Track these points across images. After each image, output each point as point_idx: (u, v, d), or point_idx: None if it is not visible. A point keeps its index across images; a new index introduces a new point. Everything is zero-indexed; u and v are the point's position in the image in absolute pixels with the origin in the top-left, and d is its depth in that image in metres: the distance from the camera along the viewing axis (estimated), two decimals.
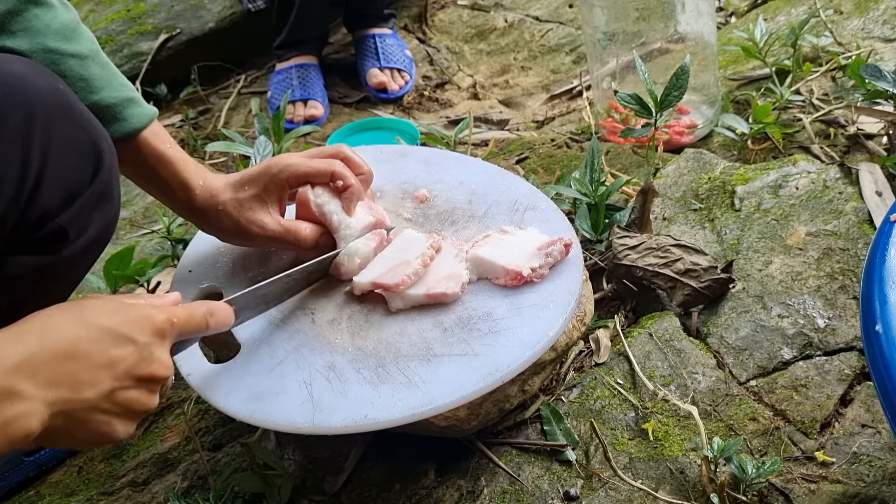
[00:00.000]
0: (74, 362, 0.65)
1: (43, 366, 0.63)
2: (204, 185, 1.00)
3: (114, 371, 0.67)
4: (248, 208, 0.99)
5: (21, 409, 0.60)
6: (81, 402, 0.65)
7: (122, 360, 0.68)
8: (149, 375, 0.70)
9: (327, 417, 0.87)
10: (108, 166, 0.85)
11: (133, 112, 0.95)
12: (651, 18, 1.53)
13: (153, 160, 0.97)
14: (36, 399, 0.62)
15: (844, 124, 1.50)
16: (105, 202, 0.86)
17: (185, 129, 1.97)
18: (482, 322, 0.96)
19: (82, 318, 0.67)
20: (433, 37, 2.26)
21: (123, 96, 0.94)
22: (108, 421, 0.68)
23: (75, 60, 0.90)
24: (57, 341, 0.64)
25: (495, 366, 0.90)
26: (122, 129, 0.94)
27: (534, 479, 1.02)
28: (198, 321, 0.78)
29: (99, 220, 0.86)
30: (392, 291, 0.98)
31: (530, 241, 1.04)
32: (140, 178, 1.00)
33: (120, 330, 0.68)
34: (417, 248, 1.03)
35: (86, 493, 1.15)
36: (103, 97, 0.92)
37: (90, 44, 0.93)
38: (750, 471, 0.95)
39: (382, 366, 0.92)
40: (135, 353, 0.69)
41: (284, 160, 1.02)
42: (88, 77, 0.91)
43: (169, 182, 0.99)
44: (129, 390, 0.69)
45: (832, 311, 1.16)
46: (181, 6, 2.25)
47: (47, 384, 0.63)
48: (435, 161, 1.23)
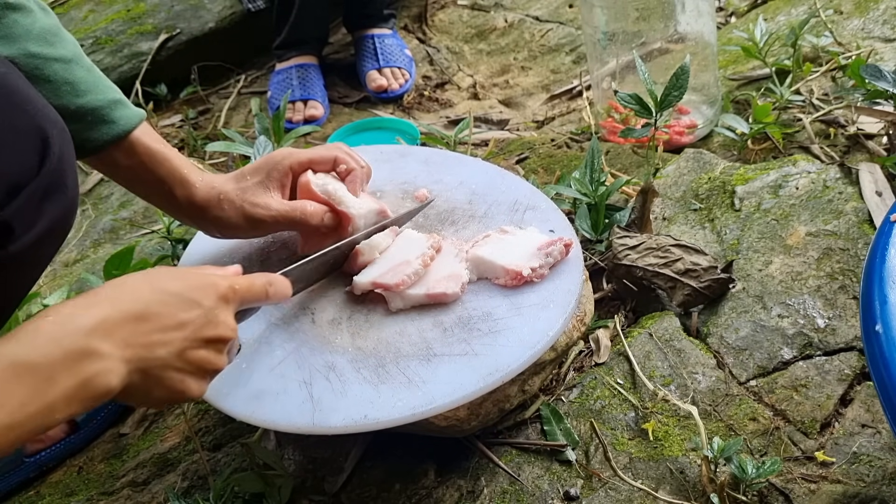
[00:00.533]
0: (147, 324, 0.69)
1: (117, 327, 0.67)
2: (204, 180, 1.00)
3: (183, 332, 0.72)
4: (252, 194, 0.99)
5: (100, 366, 0.64)
6: (156, 361, 0.70)
7: (190, 322, 0.73)
8: (216, 337, 0.75)
9: (327, 417, 0.87)
10: (57, 154, 0.80)
11: (122, 114, 0.94)
12: (651, 18, 1.53)
13: (148, 158, 0.96)
14: (113, 357, 0.66)
15: (844, 124, 1.50)
16: (57, 192, 0.81)
17: (185, 129, 1.97)
18: (482, 322, 0.96)
19: (152, 284, 0.72)
20: (433, 37, 2.26)
21: (110, 98, 0.93)
22: (182, 379, 0.73)
23: (59, 64, 0.89)
24: (130, 304, 0.69)
25: (495, 366, 0.90)
26: (113, 132, 0.93)
27: (534, 479, 1.02)
28: (258, 290, 0.82)
29: (51, 211, 0.81)
30: (392, 291, 0.98)
31: (530, 241, 1.04)
32: (136, 180, 0.99)
33: (187, 294, 0.73)
34: (418, 248, 1.03)
35: (86, 493, 1.15)
36: (90, 100, 0.90)
37: (73, 47, 0.92)
38: (750, 471, 0.95)
39: (382, 366, 0.92)
40: (201, 315, 0.74)
41: (286, 150, 1.03)
42: (73, 80, 0.89)
43: (167, 179, 0.98)
44: (198, 350, 0.74)
45: (832, 311, 1.16)
46: (181, 6, 2.25)
47: (123, 344, 0.67)
48: (435, 161, 1.23)
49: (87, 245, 1.68)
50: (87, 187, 1.84)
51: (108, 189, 1.83)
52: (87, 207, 1.79)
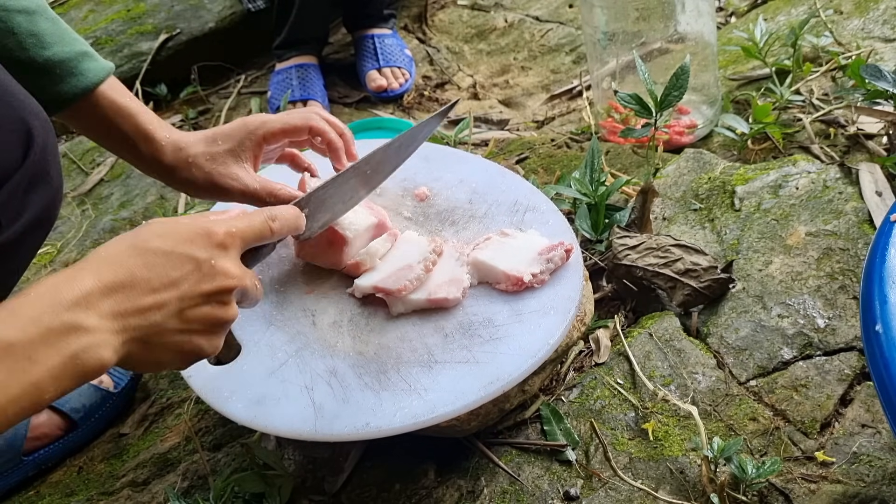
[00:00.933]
0: (134, 290, 0.65)
1: (102, 298, 0.63)
2: (170, 139, 0.97)
3: (177, 291, 0.68)
4: (222, 162, 0.97)
5: (88, 340, 0.61)
6: (152, 327, 0.66)
7: (183, 279, 0.68)
8: (217, 289, 0.70)
9: (329, 424, 0.87)
10: (40, 146, 0.80)
11: (88, 66, 0.92)
12: (651, 18, 1.53)
13: (112, 113, 0.94)
14: (101, 330, 0.62)
15: (844, 124, 1.50)
16: (41, 183, 0.81)
17: (185, 129, 1.97)
18: (483, 328, 0.96)
19: (136, 245, 0.68)
20: (433, 37, 2.26)
21: (77, 50, 0.91)
22: (189, 339, 0.70)
23: (23, 16, 0.87)
24: (113, 273, 0.65)
25: (496, 374, 0.90)
26: (79, 85, 0.91)
27: (534, 479, 1.02)
28: (259, 227, 0.77)
29: (36, 203, 0.81)
30: (393, 296, 0.98)
31: (531, 245, 1.04)
32: (101, 135, 0.97)
33: (177, 250, 0.69)
34: (420, 252, 1.02)
35: (86, 493, 1.15)
36: (56, 52, 0.89)
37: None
38: (750, 471, 0.95)
39: (384, 372, 0.92)
40: (195, 270, 0.69)
41: (260, 117, 1.00)
42: (38, 32, 0.88)
43: (131, 135, 0.95)
44: (199, 307, 0.69)
45: (832, 311, 1.15)
46: (181, 6, 2.25)
47: (111, 315, 0.63)
48: (435, 158, 1.23)
49: (87, 245, 1.68)
50: (87, 187, 1.84)
51: (108, 189, 1.83)
52: (87, 207, 1.79)
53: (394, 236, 1.05)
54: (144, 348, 0.67)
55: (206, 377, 0.92)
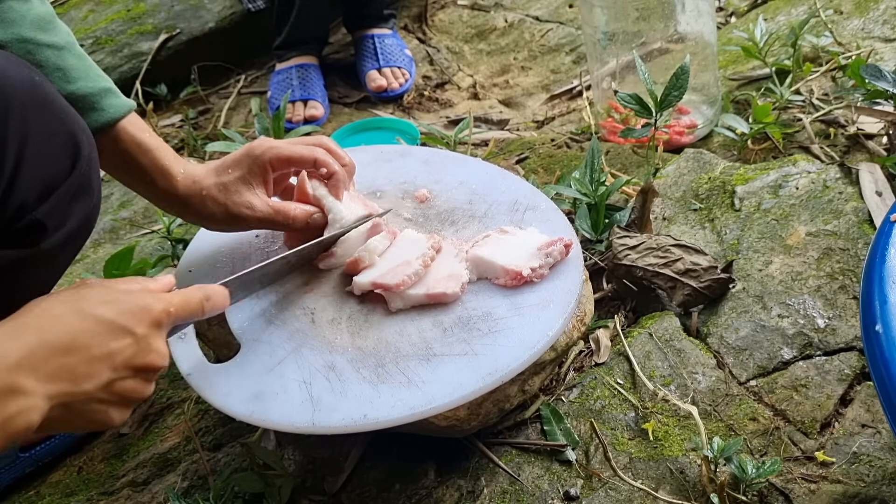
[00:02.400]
0: (74, 356, 0.65)
1: (43, 361, 0.63)
2: (185, 173, 0.99)
3: (112, 362, 0.68)
4: (235, 192, 0.99)
5: (23, 404, 0.61)
6: (81, 395, 0.66)
7: (120, 351, 0.68)
8: (146, 365, 0.71)
9: (327, 417, 0.87)
10: (86, 158, 0.84)
11: (111, 102, 0.94)
12: (651, 18, 1.53)
13: (132, 148, 0.96)
14: (37, 394, 0.62)
15: (844, 124, 1.50)
16: (84, 194, 0.85)
17: (185, 129, 1.97)
18: (482, 322, 0.96)
19: (80, 309, 0.68)
20: (433, 37, 2.26)
21: (101, 87, 0.93)
22: (105, 410, 0.70)
23: (51, 51, 0.89)
24: (57, 335, 0.65)
25: (495, 366, 0.90)
26: (101, 119, 0.93)
27: (534, 479, 1.02)
28: (193, 307, 0.78)
29: (79, 212, 0.85)
30: (392, 292, 0.98)
31: (530, 241, 1.04)
32: (119, 168, 0.99)
33: (118, 321, 0.69)
34: (418, 248, 1.03)
35: (86, 493, 1.15)
36: (80, 87, 0.91)
37: (66, 35, 0.93)
38: (750, 471, 0.95)
39: (382, 365, 0.92)
40: (132, 344, 0.70)
41: (266, 143, 1.01)
42: (65, 67, 0.90)
43: (149, 170, 0.97)
44: (126, 380, 0.70)
45: (832, 311, 1.15)
46: (181, 6, 2.25)
47: (48, 378, 0.63)
48: (435, 161, 1.23)
49: (87, 245, 1.68)
50: None
51: (109, 189, 1.83)
52: None
53: (392, 235, 1.05)
54: (63, 414, 0.66)
55: (204, 375, 0.93)
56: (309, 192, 1.02)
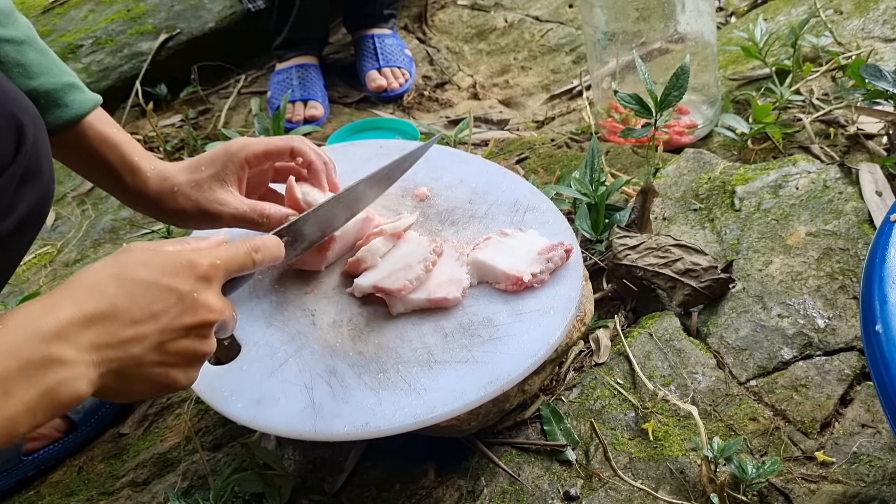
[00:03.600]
0: (114, 322, 0.64)
1: (82, 330, 0.62)
2: (155, 169, 0.97)
3: (158, 324, 0.67)
4: (208, 188, 0.96)
5: (65, 374, 0.60)
6: (131, 359, 0.65)
7: (165, 311, 0.67)
8: (197, 322, 0.70)
9: (329, 424, 0.87)
10: (31, 141, 0.80)
11: (74, 98, 0.92)
12: (651, 18, 1.53)
13: (98, 144, 0.94)
14: (80, 363, 0.61)
15: (844, 124, 1.50)
16: (33, 179, 0.81)
17: (185, 129, 1.97)
18: (483, 328, 0.96)
19: (118, 275, 0.66)
20: (433, 37, 2.26)
21: (64, 82, 0.91)
22: (166, 372, 0.69)
23: (10, 46, 0.88)
24: (94, 304, 0.64)
25: (496, 374, 0.90)
26: (64, 116, 0.91)
27: (534, 479, 1.02)
28: (242, 259, 0.76)
29: (29, 196, 0.81)
30: (393, 296, 0.98)
31: (531, 245, 1.04)
32: (86, 165, 0.97)
33: (161, 282, 0.67)
34: (420, 252, 1.02)
35: (86, 493, 1.15)
36: (42, 83, 0.89)
37: (26, 29, 0.91)
38: (750, 471, 0.95)
39: (383, 371, 0.92)
40: (178, 302, 0.68)
41: (242, 140, 1.00)
42: (25, 63, 0.88)
43: (116, 166, 0.95)
44: (179, 340, 0.69)
45: (832, 311, 1.15)
46: (181, 6, 2.25)
47: (89, 347, 0.62)
48: (435, 158, 1.22)
49: (87, 245, 1.68)
50: (87, 187, 1.84)
51: None
52: (87, 207, 1.79)
53: (396, 237, 1.05)
54: (120, 380, 0.66)
55: (206, 377, 0.92)
56: (299, 197, 1.01)
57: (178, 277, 0.69)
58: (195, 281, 0.70)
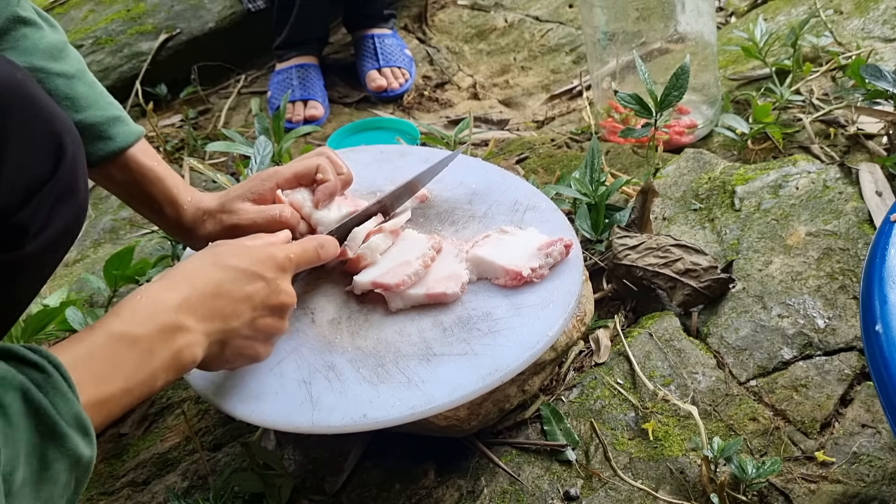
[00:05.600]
0: (221, 299, 0.78)
1: (198, 304, 0.76)
2: (192, 201, 1.03)
3: (251, 303, 0.81)
4: (230, 205, 1.02)
5: (188, 339, 0.74)
6: (231, 331, 0.79)
7: (256, 293, 0.81)
8: (279, 304, 0.83)
9: (326, 417, 0.87)
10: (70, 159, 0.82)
11: (119, 130, 0.96)
12: (651, 18, 1.53)
13: (141, 177, 0.99)
14: (197, 331, 0.75)
15: (844, 124, 1.50)
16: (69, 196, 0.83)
17: (185, 129, 1.97)
18: (482, 322, 0.96)
19: (219, 262, 0.80)
20: (433, 37, 2.26)
21: (110, 115, 0.95)
22: (252, 345, 0.83)
23: (62, 79, 0.91)
24: (205, 284, 0.77)
25: (495, 366, 0.90)
26: (109, 148, 0.95)
27: (534, 479, 1.02)
28: (310, 254, 0.90)
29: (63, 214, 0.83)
30: (392, 291, 0.98)
31: (530, 241, 1.04)
32: (127, 195, 1.02)
33: (251, 269, 0.81)
34: (418, 248, 1.03)
35: (86, 493, 1.14)
36: (88, 116, 0.93)
37: (77, 63, 0.94)
38: (750, 471, 0.95)
39: (382, 365, 0.92)
40: (265, 287, 0.82)
41: (272, 169, 1.07)
42: (74, 96, 0.92)
43: (158, 199, 1.01)
44: (265, 318, 0.82)
45: (832, 311, 1.16)
46: (181, 6, 2.25)
47: (204, 318, 0.76)
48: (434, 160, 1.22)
49: (87, 245, 1.68)
50: None
51: None
52: None
53: (395, 234, 1.06)
54: (221, 349, 0.79)
55: (204, 374, 0.92)
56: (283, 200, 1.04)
57: (264, 265, 0.82)
58: (276, 269, 0.84)
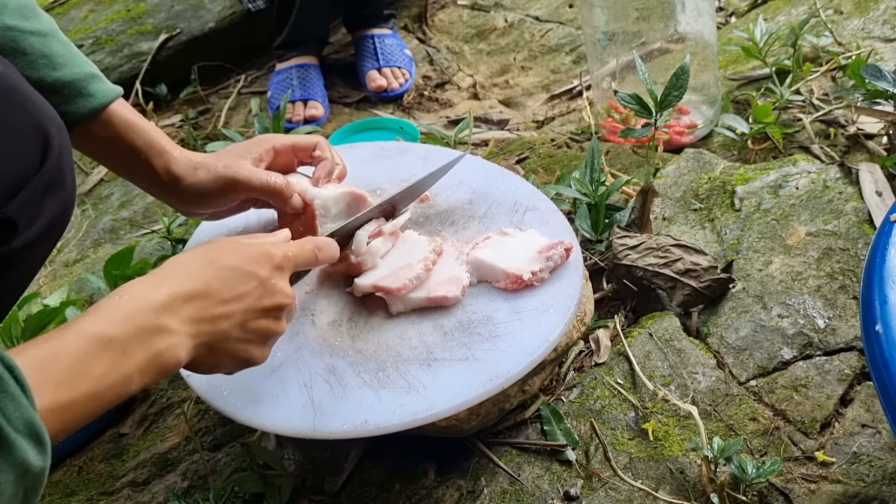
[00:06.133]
0: (209, 299, 0.74)
1: (183, 304, 0.71)
2: (183, 153, 1.00)
3: (243, 303, 0.76)
4: (227, 160, 1.00)
5: (170, 341, 0.69)
6: (220, 334, 0.75)
7: (249, 293, 0.77)
8: (273, 305, 0.79)
9: (328, 422, 0.87)
10: (57, 150, 0.80)
11: (99, 87, 0.93)
12: (651, 18, 1.53)
13: (124, 130, 0.96)
14: (181, 333, 0.71)
15: (844, 124, 1.50)
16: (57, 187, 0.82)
17: (185, 129, 1.97)
18: (482, 326, 0.96)
19: (211, 260, 0.76)
20: (433, 37, 2.26)
21: (87, 72, 0.93)
22: (246, 348, 0.78)
23: (36, 37, 0.89)
24: (192, 284, 0.73)
25: (495, 372, 0.90)
26: (90, 105, 0.92)
27: (534, 479, 1.02)
28: (308, 254, 0.86)
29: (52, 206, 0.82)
30: (393, 295, 0.98)
31: (531, 243, 1.04)
32: (111, 152, 0.98)
33: (245, 267, 0.77)
34: (420, 251, 1.03)
35: (86, 493, 1.15)
36: (66, 73, 0.90)
37: (49, 23, 0.92)
38: (750, 471, 0.95)
39: (383, 370, 0.92)
40: (259, 286, 0.78)
41: (270, 134, 1.05)
42: (50, 54, 0.89)
43: (143, 148, 0.97)
44: (258, 319, 0.78)
45: (832, 311, 1.15)
46: (181, 6, 2.25)
47: (189, 320, 0.72)
48: (435, 159, 1.22)
49: (87, 245, 1.68)
50: (87, 187, 1.84)
51: (108, 189, 1.83)
52: (87, 207, 1.79)
53: (396, 236, 1.05)
54: (209, 352, 0.75)
55: (205, 376, 0.92)
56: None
57: (258, 265, 0.78)
58: (272, 269, 0.80)
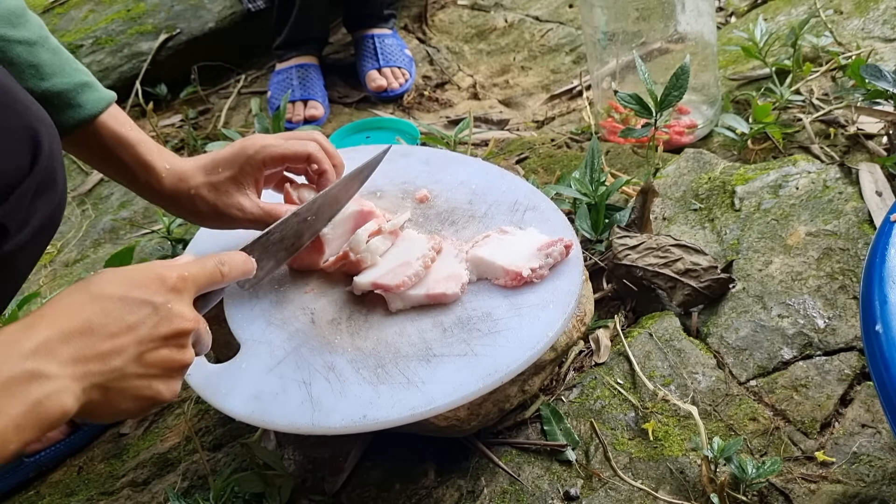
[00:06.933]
0: (92, 336, 0.65)
1: (61, 345, 0.63)
2: (171, 169, 0.98)
3: (136, 335, 0.68)
4: (225, 192, 0.98)
5: (50, 388, 0.61)
6: (112, 372, 0.66)
7: (140, 323, 0.68)
8: (173, 332, 0.70)
9: (326, 417, 0.87)
10: (47, 152, 0.80)
11: (88, 97, 0.92)
12: (651, 18, 1.53)
13: (112, 143, 0.95)
14: (63, 377, 0.62)
15: (844, 124, 1.50)
16: (48, 190, 0.81)
17: (185, 129, 1.97)
18: (482, 322, 0.96)
19: (90, 293, 0.68)
20: (433, 37, 2.26)
21: (77, 81, 0.91)
22: (149, 384, 0.69)
23: (23, 47, 0.87)
24: (71, 321, 0.65)
25: (495, 366, 0.90)
26: (78, 116, 0.91)
27: (534, 479, 1.02)
28: (210, 271, 0.78)
29: (43, 208, 0.81)
30: (392, 292, 0.98)
31: (530, 241, 1.04)
32: (100, 162, 0.98)
33: (131, 295, 0.68)
34: (419, 249, 1.03)
35: (86, 493, 1.15)
36: (55, 83, 0.89)
37: (38, 29, 0.90)
38: (750, 471, 0.95)
39: (382, 366, 0.92)
40: (152, 314, 0.69)
41: (259, 141, 1.00)
42: (38, 63, 0.88)
43: (131, 166, 0.96)
44: (158, 350, 0.69)
45: (832, 311, 1.15)
46: (181, 6, 2.25)
47: (71, 361, 0.63)
48: (435, 161, 1.23)
49: (87, 245, 1.68)
50: (87, 187, 1.84)
51: (108, 189, 1.83)
52: (87, 207, 1.79)
53: (395, 235, 1.06)
54: (105, 395, 0.66)
55: (204, 375, 0.93)
56: (296, 202, 1.03)
57: (149, 290, 0.70)
58: (167, 292, 0.71)
